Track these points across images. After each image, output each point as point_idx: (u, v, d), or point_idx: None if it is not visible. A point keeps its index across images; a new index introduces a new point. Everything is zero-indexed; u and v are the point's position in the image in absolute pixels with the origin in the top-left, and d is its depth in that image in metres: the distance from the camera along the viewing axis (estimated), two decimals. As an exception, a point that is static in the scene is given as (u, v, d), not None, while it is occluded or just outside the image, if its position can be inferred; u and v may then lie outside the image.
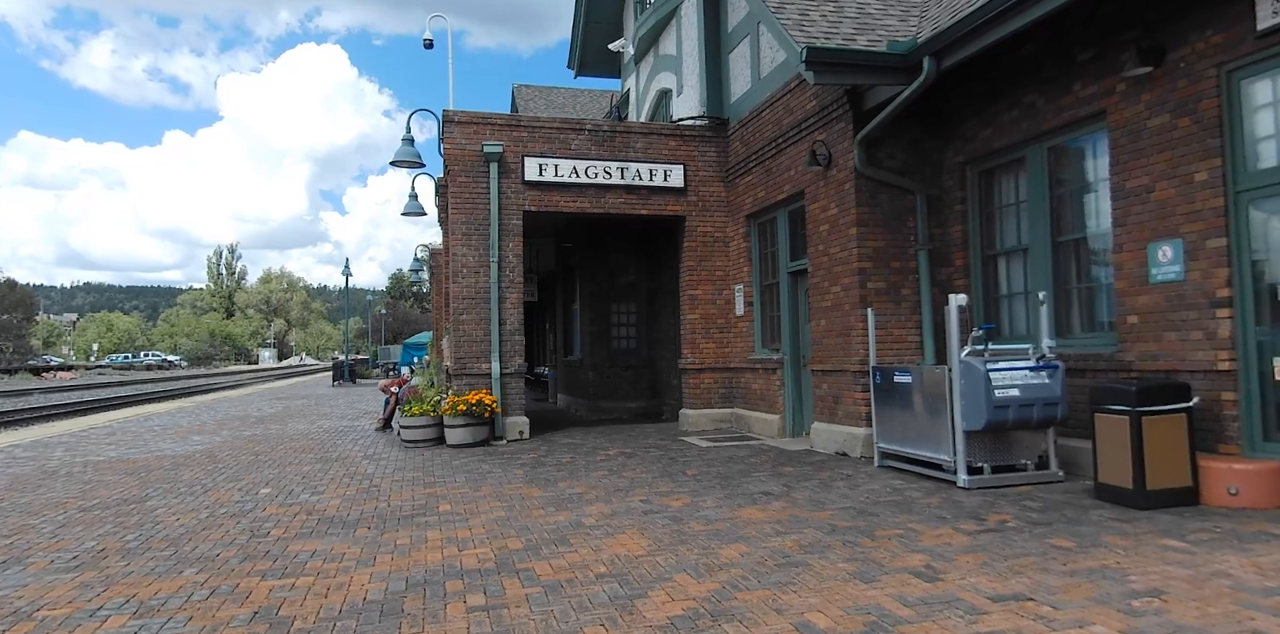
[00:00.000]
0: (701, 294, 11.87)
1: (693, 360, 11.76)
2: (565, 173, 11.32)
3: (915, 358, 8.51)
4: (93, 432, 14.13)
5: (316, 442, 11.52)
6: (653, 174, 11.65)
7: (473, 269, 11.01)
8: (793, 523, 5.53)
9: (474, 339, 10.99)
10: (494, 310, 10.95)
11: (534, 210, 11.27)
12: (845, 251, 8.67)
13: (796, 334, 10.29)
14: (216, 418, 16.52)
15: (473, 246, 11.02)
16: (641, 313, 14.77)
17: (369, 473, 8.54)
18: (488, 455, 9.64)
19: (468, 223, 11.02)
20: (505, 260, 11.09)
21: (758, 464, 8.33)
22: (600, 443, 10.51)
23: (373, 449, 10.51)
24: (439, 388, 11.16)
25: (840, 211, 8.76)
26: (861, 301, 8.42)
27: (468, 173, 11.04)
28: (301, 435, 12.46)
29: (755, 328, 11.34)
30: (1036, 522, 5.30)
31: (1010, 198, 7.98)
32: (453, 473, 8.39)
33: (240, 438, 12.29)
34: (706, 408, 11.75)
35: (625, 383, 14.49)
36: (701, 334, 11.83)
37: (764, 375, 10.79)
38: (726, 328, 11.90)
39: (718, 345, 11.87)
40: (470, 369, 10.92)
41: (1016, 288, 7.94)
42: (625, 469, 8.28)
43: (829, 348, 9.02)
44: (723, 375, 11.85)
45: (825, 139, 9.02)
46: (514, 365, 11.06)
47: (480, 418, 10.33)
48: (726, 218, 11.98)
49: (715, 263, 11.95)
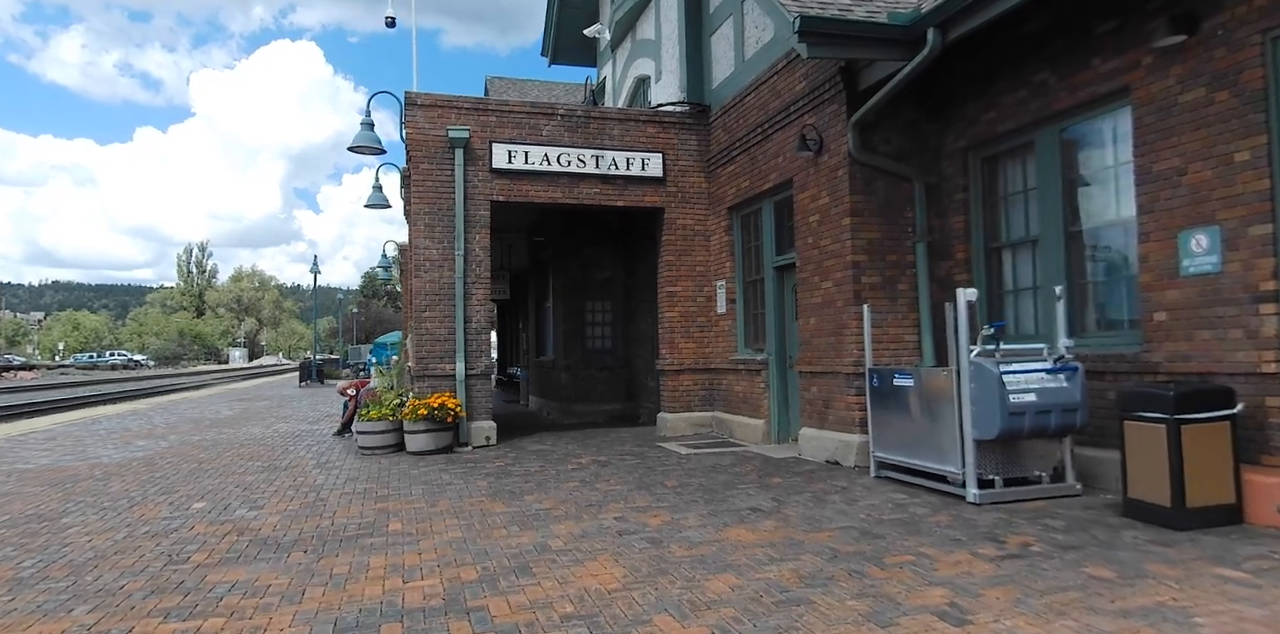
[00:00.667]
0: (681, 290, 11.19)
1: (671, 361, 11.07)
2: (536, 160, 10.59)
3: (913, 358, 7.88)
4: (32, 436, 13.18)
5: (268, 448, 10.70)
6: (630, 163, 10.95)
7: (436, 263, 10.25)
8: (788, 547, 4.85)
9: (437, 338, 10.22)
10: (459, 307, 10.19)
11: (502, 200, 10.53)
12: (838, 244, 8.02)
13: (783, 333, 9.64)
14: (169, 421, 15.59)
15: (436, 239, 10.26)
16: (618, 310, 14.07)
17: (318, 484, 7.77)
18: (450, 464, 8.89)
19: (431, 213, 10.25)
20: (471, 254, 10.34)
21: (743, 474, 7.66)
22: (572, 449, 9.79)
23: (327, 456, 9.72)
24: (399, 390, 10.39)
25: (832, 201, 8.11)
26: (855, 298, 7.78)
27: (431, 159, 10.28)
28: (254, 440, 11.63)
29: (738, 326, 10.68)
30: (1064, 545, 4.66)
31: (1017, 185, 7.37)
32: (410, 484, 7.64)
33: (188, 443, 11.43)
34: (686, 411, 11.07)
35: (600, 385, 13.78)
36: (681, 333, 11.15)
37: (747, 377, 10.13)
38: (707, 326, 11.23)
39: (698, 345, 11.20)
40: (433, 370, 10.15)
41: (1024, 282, 7.33)
42: (599, 480, 7.57)
43: (819, 348, 8.37)
44: (703, 377, 11.17)
45: (816, 123, 8.37)
46: (480, 366, 10.31)
47: (443, 423, 9.57)
48: (707, 210, 11.30)
49: (695, 257, 11.27)
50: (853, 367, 7.72)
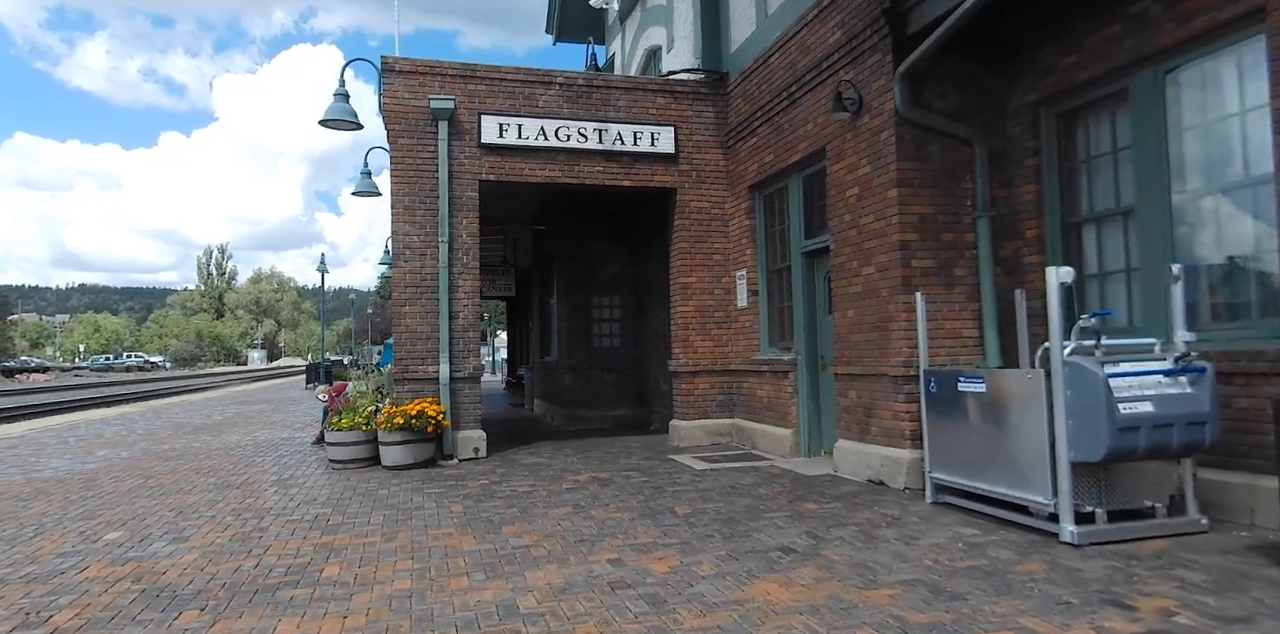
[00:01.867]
0: (696, 282, 9.91)
1: (685, 362, 9.79)
2: (531, 134, 9.35)
3: (972, 357, 6.56)
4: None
5: (234, 459, 9.55)
6: (637, 137, 9.69)
7: (417, 251, 9.03)
8: (837, 614, 3.56)
9: (419, 336, 9.01)
10: (443, 301, 8.97)
11: (493, 179, 9.30)
12: (881, 221, 6.71)
13: (813, 329, 8.33)
14: (150, 426, 14.53)
15: (417, 224, 9.05)
16: (627, 306, 12.80)
17: (265, 507, 6.59)
18: (428, 481, 7.67)
19: (411, 194, 9.04)
20: (457, 240, 9.12)
21: (769, 498, 6.37)
22: (571, 463, 8.54)
23: (293, 471, 8.54)
24: (375, 396, 9.19)
25: (875, 170, 6.80)
26: (904, 285, 6.47)
27: (412, 133, 9.07)
28: (224, 450, 10.48)
29: (761, 322, 9.38)
30: (1222, 614, 3.34)
31: (1104, 145, 6.02)
32: (372, 508, 6.43)
33: (152, 453, 10.32)
34: (701, 418, 9.79)
35: (607, 388, 12.52)
36: (696, 330, 9.87)
37: (772, 380, 8.83)
38: (726, 322, 9.94)
39: (715, 343, 9.91)
40: (413, 372, 8.94)
41: (1113, 264, 5.98)
42: (596, 504, 6.31)
43: (858, 346, 7.06)
44: (721, 380, 9.88)
45: (854, 78, 7.06)
46: (468, 368, 9.08)
47: (422, 434, 8.35)
48: (725, 190, 10.01)
49: (712, 244, 9.98)
50: (902, 368, 6.40)
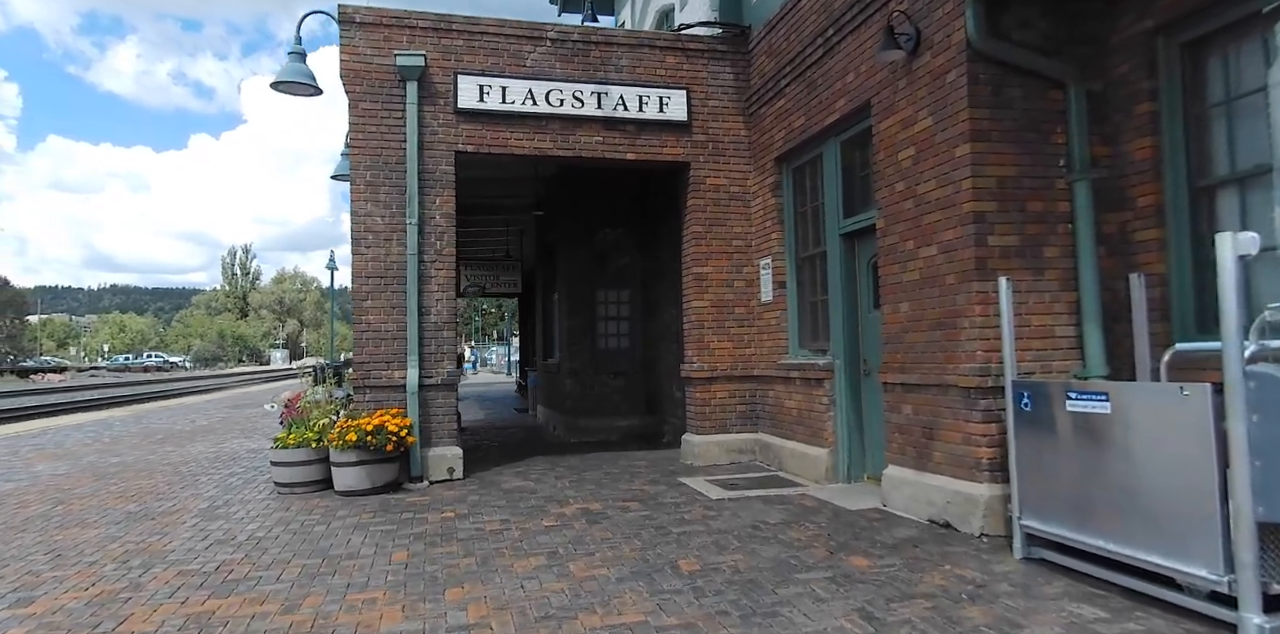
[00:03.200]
0: (712, 272, 8.44)
1: (700, 366, 8.32)
2: (518, 98, 7.94)
3: (1068, 363, 5.04)
4: (-64, 455, 10.95)
5: (178, 477, 8.25)
6: (644, 102, 8.24)
7: (381, 235, 7.65)
8: None
9: (382, 336, 7.63)
10: (412, 294, 7.58)
11: (471, 151, 7.89)
12: (948, 188, 5.22)
13: (854, 327, 6.85)
14: (121, 434, 13.32)
15: (381, 202, 7.67)
16: (636, 302, 11.35)
17: (165, 550, 5.26)
18: (382, 512, 6.28)
19: (374, 168, 7.67)
20: (429, 222, 7.72)
21: (803, 545, 4.89)
22: (561, 488, 7.10)
23: (233, 494, 7.20)
24: (332, 406, 7.81)
25: (938, 122, 5.31)
26: (978, 268, 4.97)
27: (375, 96, 7.69)
28: (175, 465, 9.20)
29: (790, 319, 7.89)
30: None
31: (1251, 81, 4.49)
32: (294, 555, 5.05)
33: (92, 469, 9.07)
34: (719, 433, 8.31)
35: (614, 394, 11.07)
36: (713, 329, 8.40)
37: (803, 389, 7.35)
38: (748, 320, 8.47)
39: (735, 344, 8.44)
40: (375, 378, 7.56)
41: (1267, 240, 4.44)
42: (578, 552, 4.88)
43: (915, 348, 5.57)
44: (743, 387, 8.41)
45: (909, 8, 5.57)
46: (441, 374, 7.68)
47: (380, 452, 6.96)
48: (747, 164, 8.54)
49: (732, 228, 8.51)
50: (976, 377, 4.90)
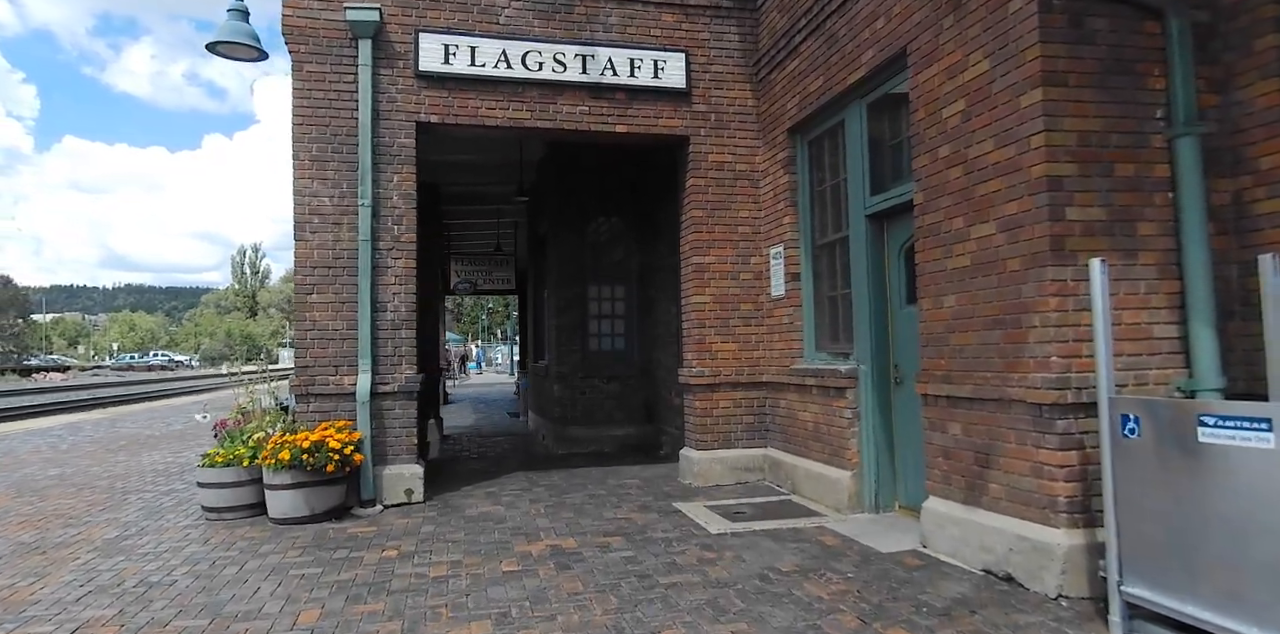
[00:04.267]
0: (715, 263, 7.32)
1: (700, 370, 7.21)
2: (489, 60, 6.85)
3: (1169, 371, 3.90)
4: None
5: (105, 496, 7.24)
6: (635, 67, 7.14)
7: (329, 218, 6.58)
8: None
9: (329, 335, 6.55)
10: (365, 287, 6.50)
11: (436, 122, 6.81)
12: (1010, 148, 4.09)
13: (883, 326, 5.72)
14: (81, 440, 12.33)
15: (329, 181, 6.59)
16: (632, 298, 10.23)
17: (25, 600, 4.28)
18: (313, 548, 5.20)
19: (321, 141, 6.59)
20: (384, 203, 6.65)
21: (826, 608, 3.78)
22: (534, 517, 6.00)
23: (154, 519, 6.16)
24: (271, 417, 6.73)
25: (997, 66, 4.19)
26: (1053, 249, 3.85)
27: (322, 57, 6.61)
28: (113, 479, 8.21)
29: (805, 316, 6.78)
30: None
31: None
32: (178, 613, 4.00)
33: (26, 481, 8.17)
34: (723, 448, 7.20)
35: (608, 401, 9.96)
36: (715, 328, 7.29)
37: (821, 399, 6.23)
38: (756, 317, 7.36)
39: (741, 346, 7.32)
40: (321, 385, 6.48)
41: None
42: (537, 614, 3.80)
43: (965, 352, 4.45)
44: (750, 395, 7.29)
45: (958, -75, 4.45)
46: (398, 380, 6.60)
47: (319, 472, 5.88)
48: (756, 138, 7.42)
49: (737, 212, 7.39)
50: (1052, 390, 3.78)
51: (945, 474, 4.63)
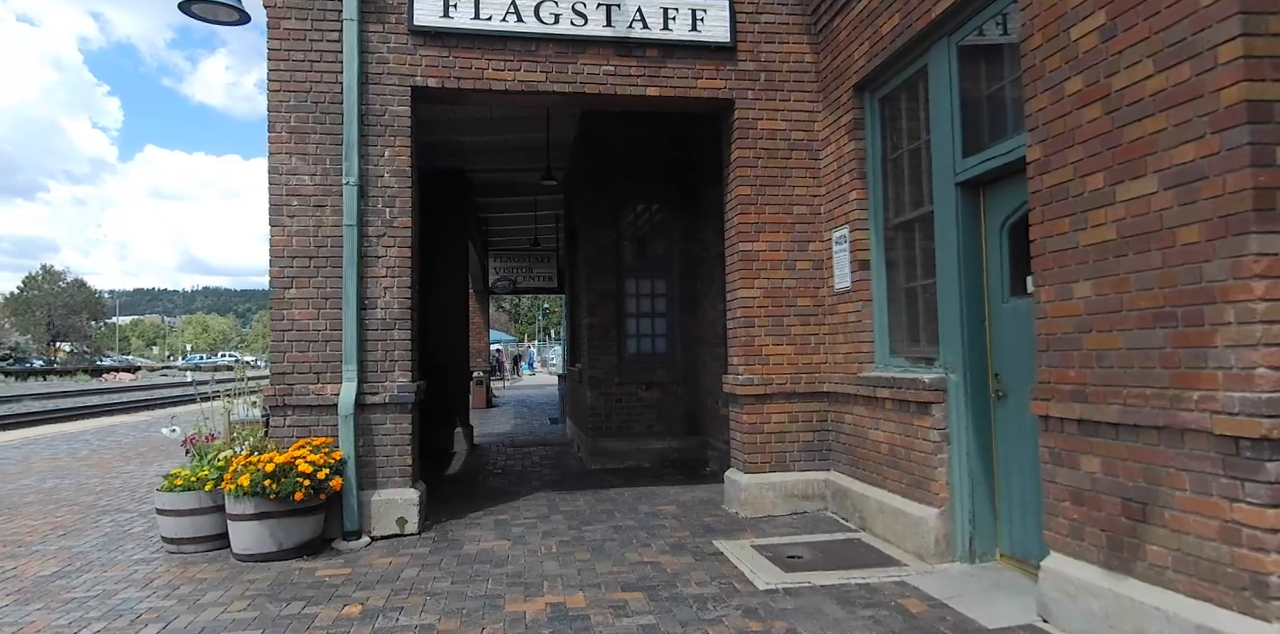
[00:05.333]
0: (766, 250, 6.15)
1: (749, 378, 6.05)
2: (496, 12, 5.82)
3: None
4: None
5: (82, 515, 6.51)
6: (670, 17, 6.03)
7: (310, 200, 5.63)
8: None
9: (309, 336, 5.60)
10: (350, 280, 5.53)
11: (435, 86, 5.81)
12: (1183, 66, 2.86)
13: (979, 324, 4.49)
14: (104, 445, 11.80)
15: (310, 156, 5.64)
16: (673, 294, 9.10)
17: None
18: (265, 599, 4.22)
19: (300, 110, 5.65)
20: (374, 182, 5.67)
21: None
22: (542, 559, 4.93)
23: (107, 550, 5.30)
24: (242, 432, 5.80)
25: (1159, -49, 2.95)
26: (1259, 208, 2.61)
27: (302, 12, 5.67)
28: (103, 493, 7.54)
29: (876, 313, 5.56)
30: None
31: None
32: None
33: (11, 496, 7.41)
34: (775, 471, 6.03)
35: (646, 410, 8.85)
36: (767, 327, 6.12)
37: (898, 414, 5.01)
38: (815, 315, 6.16)
39: (798, 349, 6.14)
40: (299, 396, 5.53)
41: None
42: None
43: (1108, 358, 3.22)
44: (809, 408, 6.10)
45: None
46: (390, 389, 5.60)
47: (287, 501, 4.91)
48: (815, 100, 6.23)
49: (793, 189, 6.21)
50: (1265, 417, 2.54)
51: (1076, 525, 3.40)
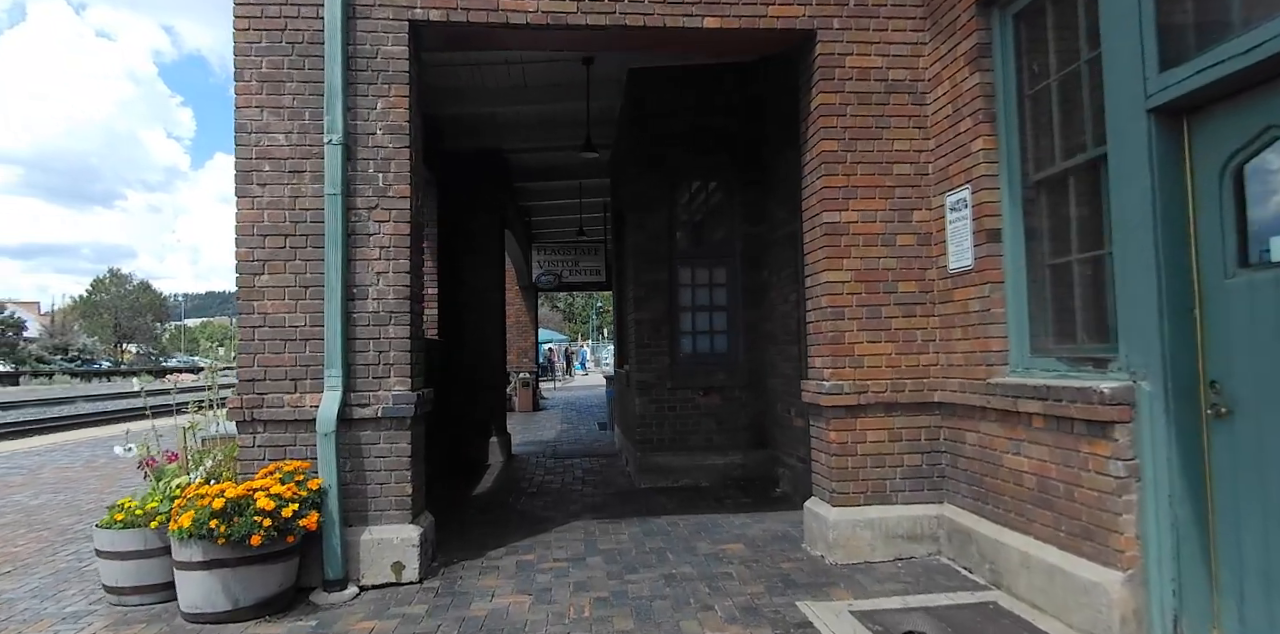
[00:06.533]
0: (857, 222, 4.83)
1: (836, 385, 4.73)
2: (513, -73, 4.64)
3: None
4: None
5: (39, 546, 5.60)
6: (732, -71, 4.76)
7: (285, 163, 4.53)
8: None
9: (284, 334, 4.50)
10: (335, 264, 4.41)
11: (439, 19, 4.65)
12: None
13: (1185, 312, 3.13)
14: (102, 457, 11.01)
15: (285, 109, 4.54)
16: (735, 284, 7.80)
17: None
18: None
19: (275, 52, 4.55)
20: (365, 141, 4.54)
21: None
22: (571, 626, 3.72)
23: (41, 598, 4.28)
24: (223, 448, 4.74)
25: None
26: None
27: (274, -69, 4.57)
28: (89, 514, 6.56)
29: (1010, 299, 4.21)
30: None
31: None
32: None
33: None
34: (874, 503, 4.71)
35: (704, 419, 7.58)
36: (859, 320, 4.80)
37: (1054, 436, 3.67)
38: (923, 303, 4.82)
39: (900, 347, 4.81)
40: (271, 408, 4.44)
41: None
42: None
43: None
44: (916, 423, 4.77)
45: None
46: (383, 400, 4.46)
47: (242, 545, 3.80)
48: (919, 28, 4.89)
49: (891, 143, 4.87)
50: None
51: None
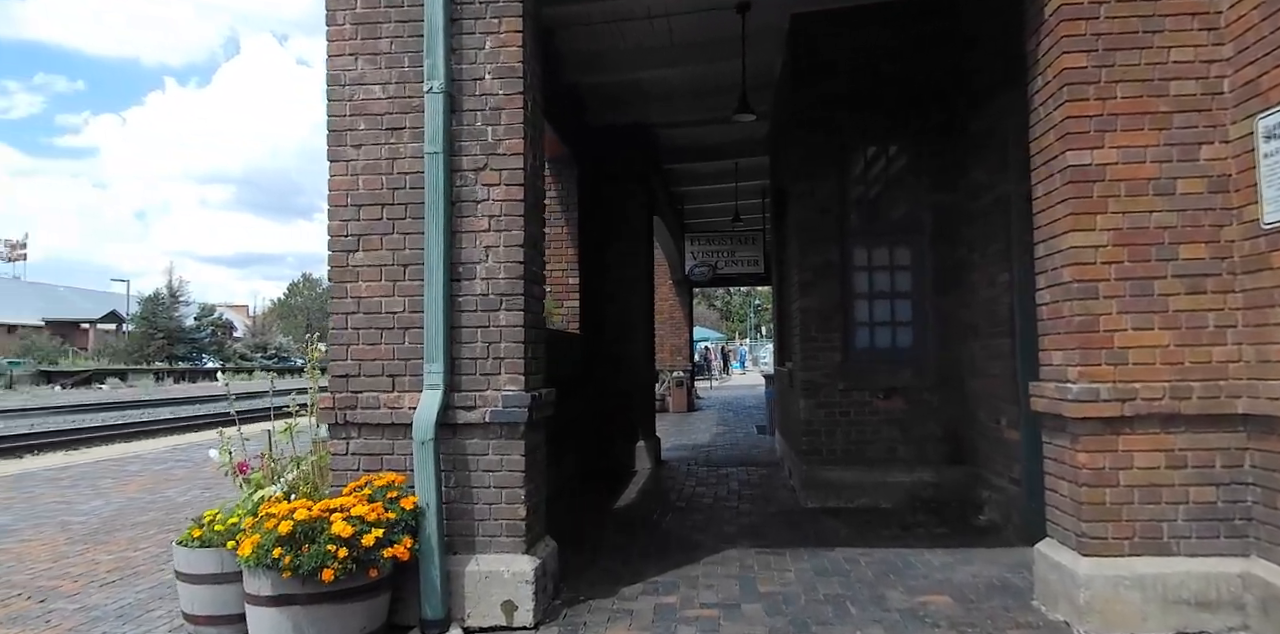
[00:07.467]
0: (1117, 163, 3.53)
1: (1086, 387, 3.46)
2: None
3: None
4: None
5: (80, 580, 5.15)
6: None
7: (383, 120, 3.82)
8: None
9: (379, 322, 3.79)
10: (436, 237, 3.65)
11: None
12: None
13: None
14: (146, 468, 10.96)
15: (381, 56, 3.83)
16: (921, 266, 6.50)
17: None
18: None
19: (366, -13, 3.86)
20: (470, 88, 3.76)
21: None
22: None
23: (122, 623, 3.80)
24: (317, 455, 4.11)
25: None
26: None
27: None
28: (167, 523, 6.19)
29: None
30: None
31: None
32: None
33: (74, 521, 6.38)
34: (1145, 553, 3.40)
35: (885, 427, 6.34)
36: (1119, 297, 3.50)
37: None
38: (1215, 274, 3.45)
39: (1181, 336, 3.46)
40: (365, 409, 3.73)
41: None
42: None
43: None
44: (1206, 443, 3.41)
45: None
46: (494, 401, 3.65)
47: (313, 580, 3.08)
48: (1207, -109, 3.53)
49: (1165, 52, 3.52)
50: None
51: None
